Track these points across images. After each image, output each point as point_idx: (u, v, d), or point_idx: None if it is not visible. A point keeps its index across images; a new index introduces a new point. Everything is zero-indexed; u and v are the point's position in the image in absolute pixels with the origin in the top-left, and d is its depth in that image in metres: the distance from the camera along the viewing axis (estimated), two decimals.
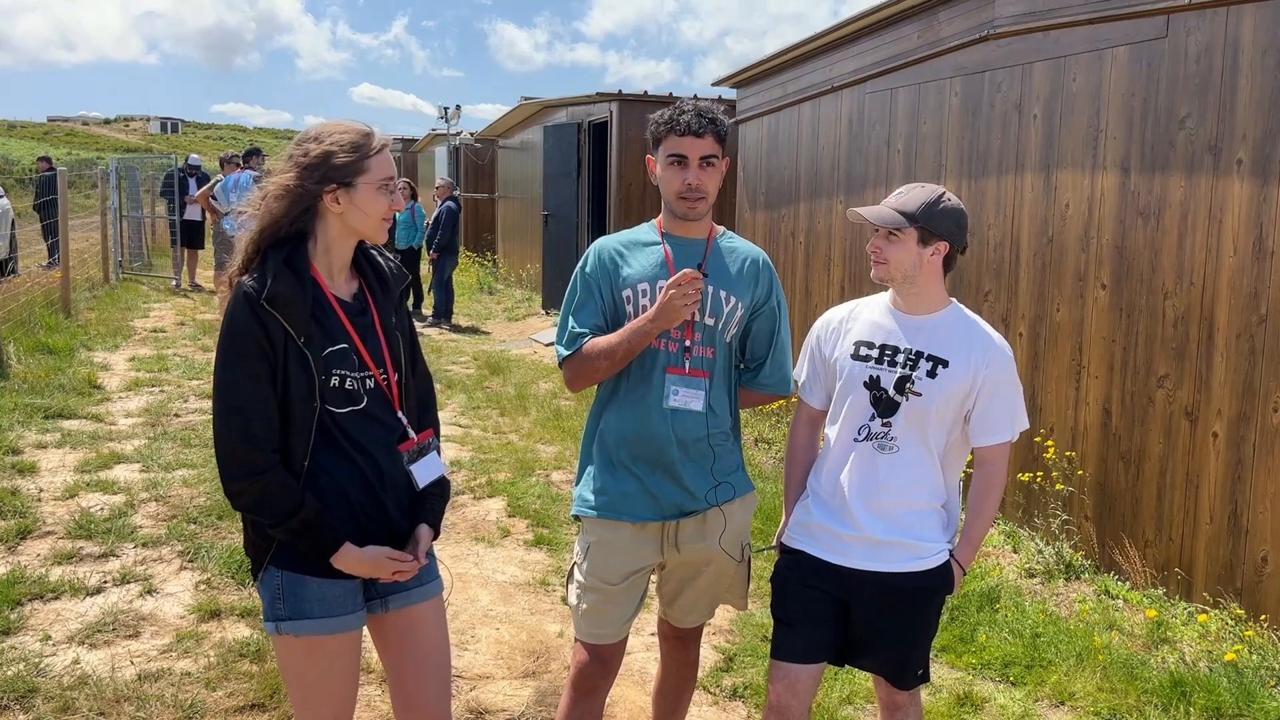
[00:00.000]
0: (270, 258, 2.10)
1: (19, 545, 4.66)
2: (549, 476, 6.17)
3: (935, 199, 2.41)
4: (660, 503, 2.53)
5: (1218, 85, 4.22)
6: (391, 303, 2.29)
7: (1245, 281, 4.10)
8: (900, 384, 2.44)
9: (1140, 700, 3.58)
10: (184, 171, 14.77)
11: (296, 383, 2.09)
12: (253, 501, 2.09)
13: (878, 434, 2.46)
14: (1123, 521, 4.69)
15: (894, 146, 6.41)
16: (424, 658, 2.33)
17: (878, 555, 2.45)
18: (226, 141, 72.26)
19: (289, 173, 2.12)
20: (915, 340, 2.46)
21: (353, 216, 2.14)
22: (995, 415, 2.47)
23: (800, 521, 2.58)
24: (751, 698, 3.61)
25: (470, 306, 14.67)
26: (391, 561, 2.18)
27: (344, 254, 2.21)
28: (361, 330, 2.20)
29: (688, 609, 2.72)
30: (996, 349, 2.46)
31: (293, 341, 2.08)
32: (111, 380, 8.25)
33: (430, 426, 2.37)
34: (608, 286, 2.55)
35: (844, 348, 2.54)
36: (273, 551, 2.15)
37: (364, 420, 2.19)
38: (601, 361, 2.48)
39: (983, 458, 2.53)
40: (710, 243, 2.58)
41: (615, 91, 11.89)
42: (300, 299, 2.08)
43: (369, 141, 2.14)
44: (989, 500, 2.52)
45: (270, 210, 2.12)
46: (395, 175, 2.20)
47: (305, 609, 2.14)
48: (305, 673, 2.20)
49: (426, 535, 2.29)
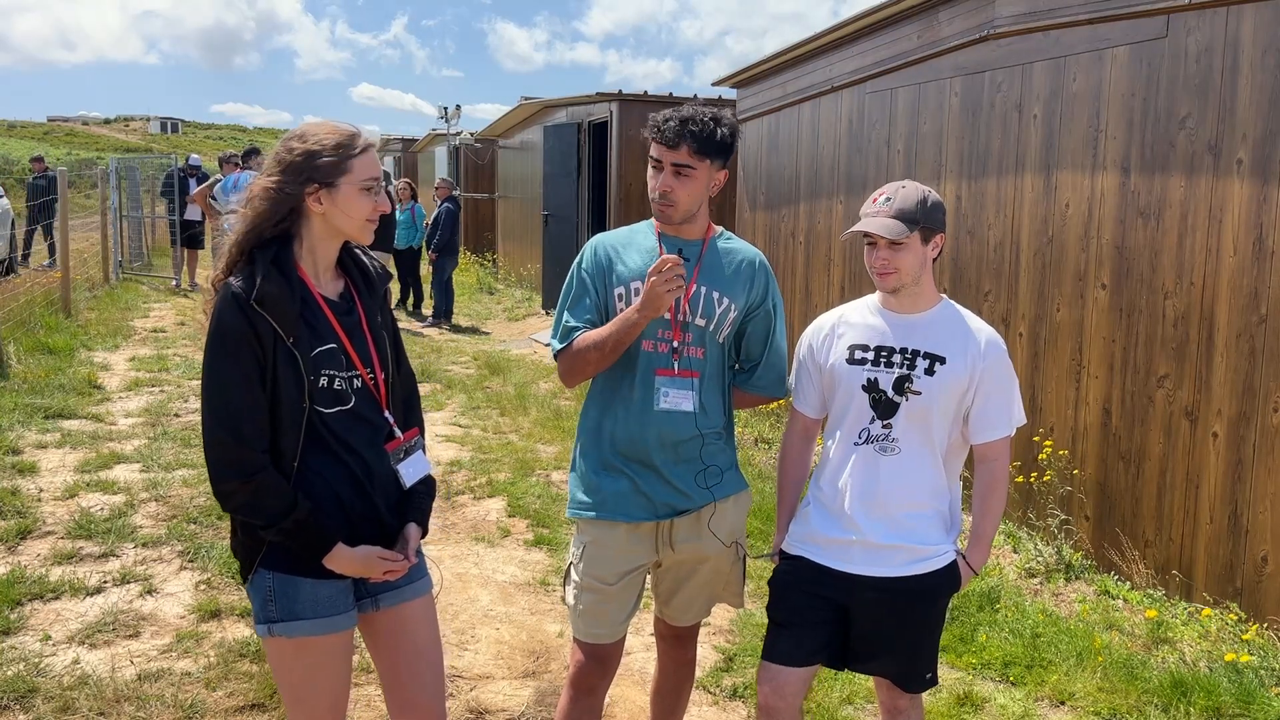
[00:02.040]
0: (257, 258, 2.09)
1: (19, 545, 4.66)
2: (549, 476, 6.17)
3: (925, 195, 2.41)
4: (653, 502, 2.53)
5: (1218, 85, 4.22)
6: (377, 302, 2.30)
7: (1245, 281, 4.10)
8: (899, 384, 2.43)
9: (1140, 700, 3.58)
10: (184, 171, 14.78)
11: (285, 383, 2.08)
12: (245, 503, 2.08)
13: (878, 436, 2.45)
14: (1123, 521, 4.69)
15: (894, 146, 6.40)
16: (417, 656, 2.33)
17: (879, 559, 2.44)
18: (227, 141, 72.27)
19: (273, 173, 2.12)
20: (910, 339, 2.45)
21: (335, 217, 2.13)
22: (993, 411, 2.46)
23: (801, 527, 2.57)
24: (751, 698, 3.60)
25: (470, 306, 14.67)
26: (383, 561, 2.18)
27: (329, 254, 2.20)
28: (349, 329, 2.20)
29: (684, 607, 2.72)
30: (991, 343, 2.45)
31: (282, 342, 2.07)
32: (111, 380, 8.25)
33: (416, 425, 2.37)
34: (602, 283, 2.57)
35: (838, 353, 2.52)
36: (263, 553, 2.14)
37: (352, 420, 2.19)
38: (592, 353, 2.49)
39: (983, 455, 2.51)
40: (706, 243, 2.58)
41: (615, 91, 11.89)
42: (289, 299, 2.08)
43: (353, 142, 2.13)
44: (994, 498, 2.51)
45: (255, 211, 2.12)
46: (380, 177, 2.19)
47: (297, 610, 2.14)
48: (297, 674, 2.19)
49: (415, 533, 2.29)
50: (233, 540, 2.23)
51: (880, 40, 6.49)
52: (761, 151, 8.29)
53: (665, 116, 2.50)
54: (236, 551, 2.21)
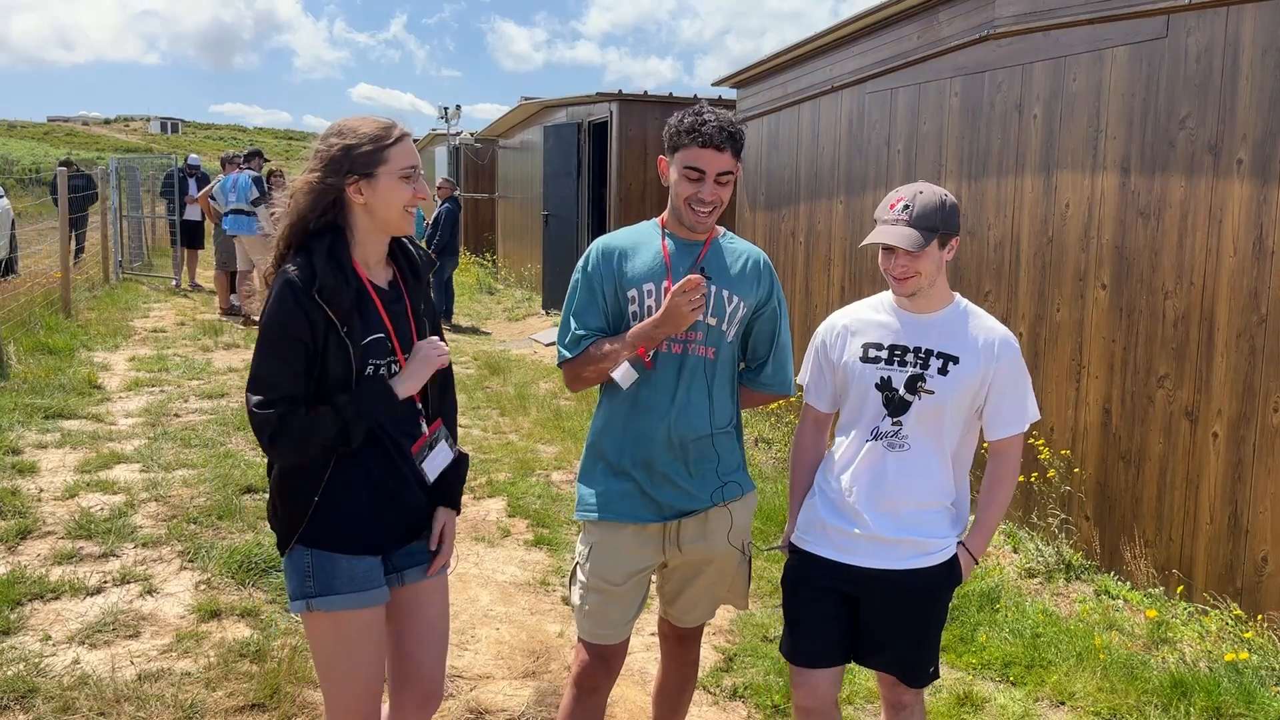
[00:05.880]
0: (314, 249, 2.14)
1: (19, 545, 4.65)
2: (549, 476, 6.17)
3: (943, 200, 2.40)
4: (660, 504, 2.53)
5: (1218, 85, 4.22)
6: (422, 289, 2.37)
7: (1245, 281, 4.10)
8: (911, 383, 2.44)
9: (1140, 700, 3.58)
10: (184, 172, 14.77)
11: (334, 370, 2.14)
12: (297, 443, 2.11)
13: (887, 433, 2.47)
14: (1123, 521, 4.69)
15: (894, 146, 6.41)
16: (429, 627, 2.40)
17: (885, 553, 2.46)
18: (226, 141, 72.28)
19: (314, 168, 2.18)
20: (923, 339, 2.47)
21: (376, 206, 2.18)
22: (1008, 408, 2.48)
23: (808, 521, 2.59)
24: (751, 698, 3.60)
25: (470, 306, 14.68)
26: (432, 348, 2.26)
27: (379, 245, 2.27)
28: (395, 318, 2.26)
29: (688, 608, 2.72)
30: (1004, 343, 2.47)
31: (335, 331, 2.12)
32: (111, 380, 8.24)
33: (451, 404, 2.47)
34: (611, 286, 2.54)
35: (852, 351, 2.53)
36: (302, 529, 2.19)
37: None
38: (605, 364, 2.49)
39: (997, 449, 2.54)
40: (710, 243, 2.58)
41: (615, 91, 11.89)
42: (345, 289, 2.13)
43: (389, 133, 2.19)
44: (1001, 490, 2.54)
45: (297, 205, 2.17)
46: (418, 164, 2.24)
47: (335, 585, 2.19)
48: (335, 650, 2.24)
49: (444, 515, 2.38)
50: (270, 515, 2.27)
51: (880, 40, 6.49)
52: (761, 151, 8.29)
53: (700, 119, 2.42)
54: (275, 524, 2.25)
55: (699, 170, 2.43)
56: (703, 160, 2.42)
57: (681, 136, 2.44)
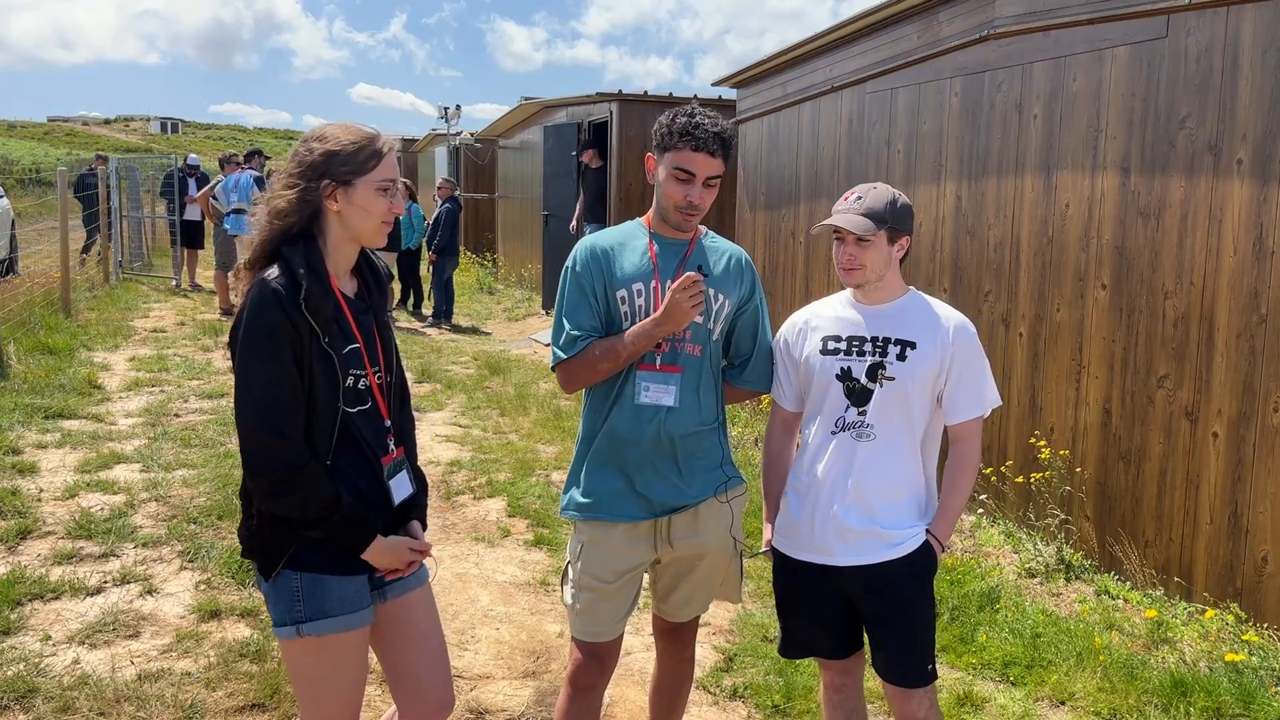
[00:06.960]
0: (289, 256, 2.09)
1: (19, 545, 4.66)
2: (549, 476, 6.17)
3: (894, 198, 2.50)
4: (650, 501, 2.54)
5: (1218, 85, 4.22)
6: (385, 302, 2.34)
7: (1245, 281, 4.10)
8: (872, 371, 2.49)
9: (1140, 700, 3.58)
10: (184, 172, 14.78)
11: (320, 382, 2.09)
12: (292, 501, 2.06)
13: (854, 423, 2.50)
14: (1123, 521, 4.69)
15: (894, 146, 6.41)
16: (424, 641, 2.37)
17: (856, 549, 2.49)
18: (227, 141, 72.29)
19: (292, 172, 2.15)
20: (881, 328, 2.52)
21: (351, 215, 2.15)
22: (965, 391, 2.52)
23: (785, 524, 2.63)
24: (752, 698, 3.60)
25: (470, 306, 14.68)
26: (411, 551, 2.23)
27: (349, 256, 2.23)
28: (364, 329, 2.22)
29: (682, 603, 2.73)
30: (960, 327, 2.52)
31: (317, 342, 2.08)
32: (111, 380, 8.25)
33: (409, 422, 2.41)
34: (601, 286, 2.54)
35: (812, 345, 2.59)
36: (290, 553, 2.13)
37: (366, 419, 2.22)
38: (604, 364, 2.49)
39: (956, 435, 2.58)
40: (694, 242, 2.60)
41: (615, 91, 11.90)
42: (327, 299, 2.11)
43: (371, 143, 2.16)
44: (963, 477, 2.57)
45: (275, 208, 2.13)
46: (397, 179, 2.21)
47: (327, 608, 2.14)
48: (319, 673, 2.20)
49: (418, 528, 2.37)
50: (251, 541, 2.18)
51: (880, 40, 6.49)
52: (761, 151, 8.29)
53: (693, 122, 2.43)
54: (255, 552, 2.18)
55: (689, 173, 2.44)
56: (694, 163, 2.43)
57: (674, 138, 2.44)
